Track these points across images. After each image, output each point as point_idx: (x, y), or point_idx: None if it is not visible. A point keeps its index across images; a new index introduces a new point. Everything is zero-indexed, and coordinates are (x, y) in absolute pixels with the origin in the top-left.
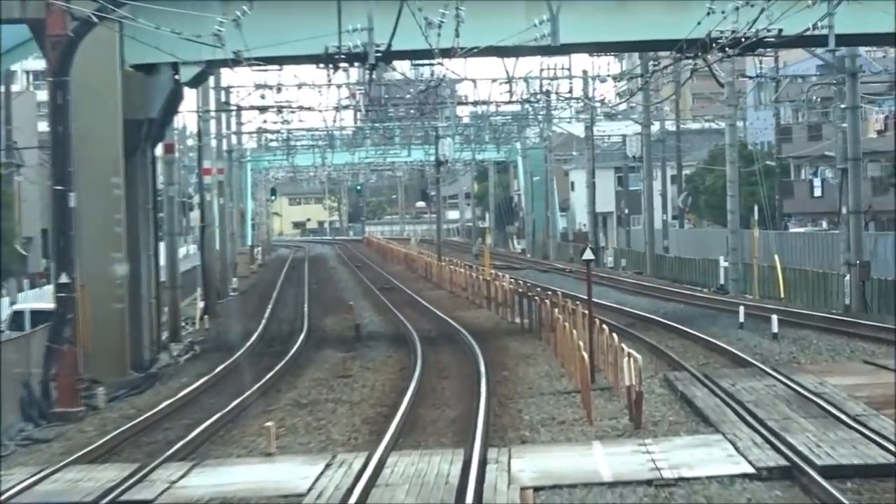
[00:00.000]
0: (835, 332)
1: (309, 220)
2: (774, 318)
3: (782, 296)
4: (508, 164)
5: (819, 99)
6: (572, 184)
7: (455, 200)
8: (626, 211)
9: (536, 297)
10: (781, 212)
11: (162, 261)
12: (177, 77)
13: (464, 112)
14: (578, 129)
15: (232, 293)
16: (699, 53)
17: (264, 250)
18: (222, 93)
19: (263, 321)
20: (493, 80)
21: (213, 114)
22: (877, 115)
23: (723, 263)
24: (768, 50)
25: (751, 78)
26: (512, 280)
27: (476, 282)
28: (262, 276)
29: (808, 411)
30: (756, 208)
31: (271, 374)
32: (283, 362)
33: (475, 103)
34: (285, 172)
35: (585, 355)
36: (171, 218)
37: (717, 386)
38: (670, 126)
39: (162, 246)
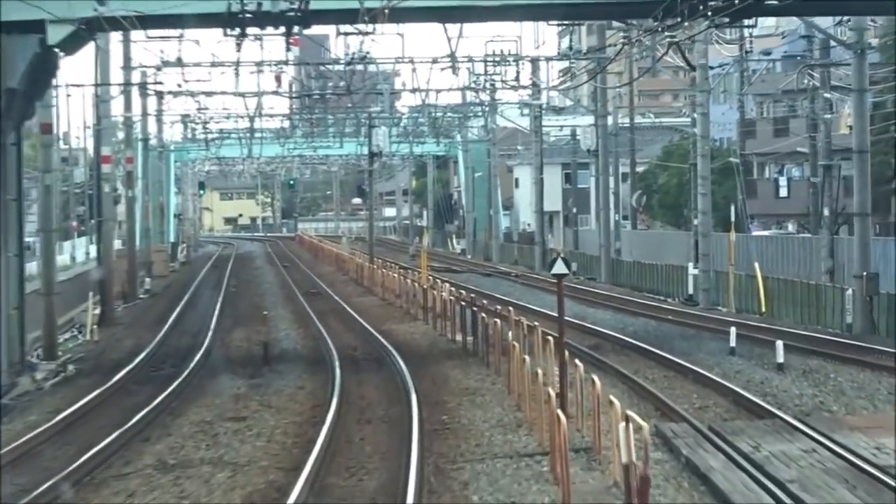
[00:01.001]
0: (852, 363)
1: (241, 215)
2: (779, 345)
3: (763, 310)
4: (449, 159)
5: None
6: (516, 180)
7: (392, 197)
8: (575, 210)
9: (483, 314)
10: (745, 213)
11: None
12: (43, 38)
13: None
14: (524, 123)
15: (142, 296)
16: (681, 20)
17: (189, 247)
18: (138, 74)
19: (162, 333)
20: (434, 61)
21: (116, 94)
22: (849, 109)
23: (692, 271)
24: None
25: (714, 68)
26: (453, 289)
27: (411, 288)
28: (180, 277)
29: (882, 499)
30: (732, 209)
31: (146, 411)
32: (166, 392)
33: (414, 90)
34: (214, 165)
35: (560, 414)
36: (48, 211)
37: (734, 449)
38: (621, 120)
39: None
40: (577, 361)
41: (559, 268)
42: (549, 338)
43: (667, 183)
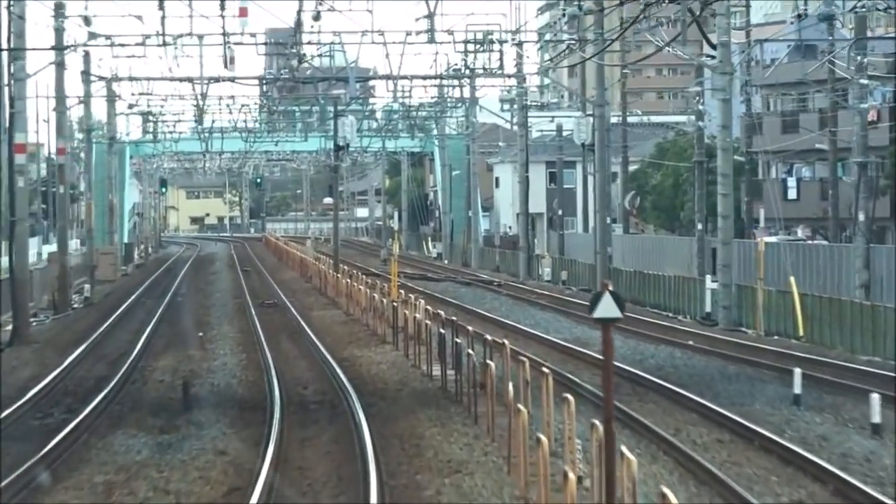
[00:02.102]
0: None
1: (208, 215)
2: (875, 400)
3: (801, 333)
4: (424, 157)
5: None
6: (497, 180)
7: (365, 197)
8: (560, 212)
9: (469, 350)
10: (752, 216)
11: None
12: None
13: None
14: (504, 119)
15: (76, 306)
16: None
17: (146, 249)
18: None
19: (74, 357)
20: (408, 35)
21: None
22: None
23: (710, 284)
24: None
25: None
26: (428, 307)
27: (380, 305)
28: (128, 282)
29: None
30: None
31: None
32: (37, 457)
33: (386, 77)
34: (176, 162)
35: None
36: None
37: None
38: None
39: None
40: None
41: (607, 309)
42: (551, 374)
43: (661, 183)
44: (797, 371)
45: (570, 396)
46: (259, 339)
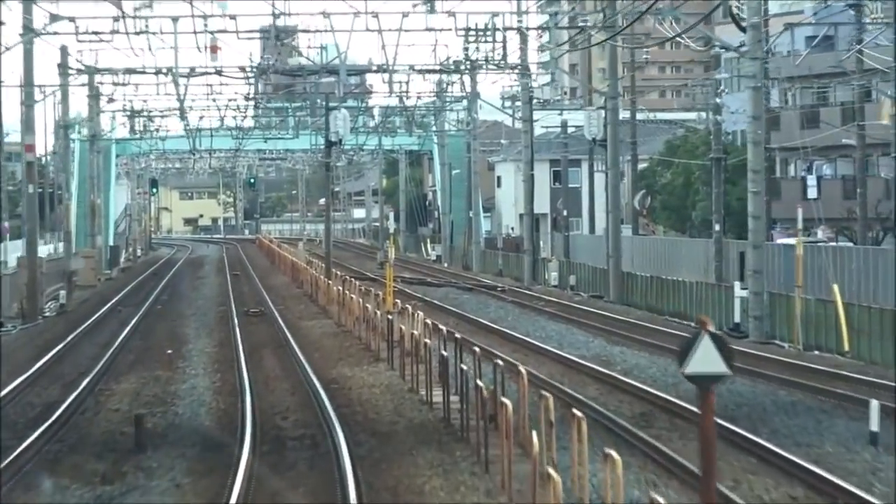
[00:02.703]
0: None
1: (202, 216)
2: None
3: (846, 348)
4: (423, 156)
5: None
6: (498, 179)
7: (362, 197)
8: (565, 213)
9: (478, 381)
10: (769, 216)
11: None
12: None
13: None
14: (505, 118)
15: (48, 314)
16: None
17: (134, 251)
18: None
19: (25, 375)
20: (405, 16)
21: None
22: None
23: (739, 292)
24: None
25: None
26: (427, 319)
27: (373, 316)
28: (109, 288)
29: None
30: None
31: None
32: None
33: (384, 70)
34: (167, 162)
35: None
36: None
37: None
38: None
39: None
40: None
41: (707, 361)
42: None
43: (671, 182)
44: (874, 404)
45: (614, 454)
46: (238, 355)
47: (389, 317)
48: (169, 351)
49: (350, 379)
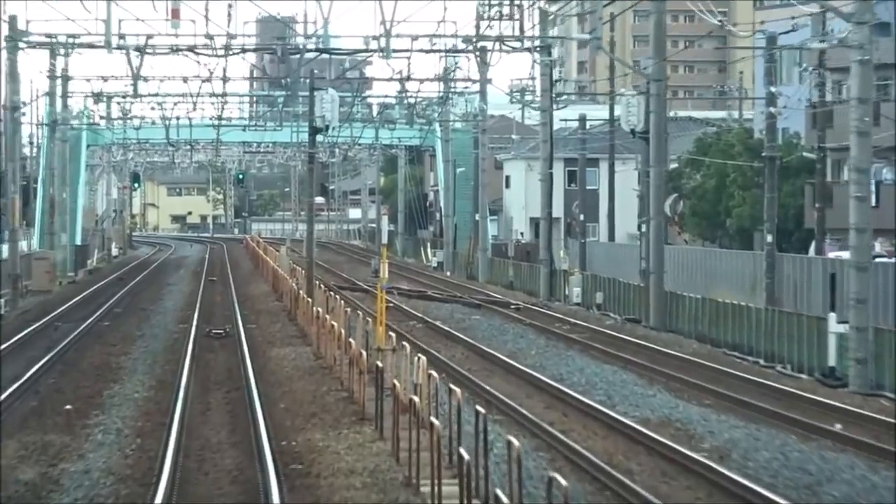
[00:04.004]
0: None
1: (190, 213)
2: None
3: None
4: (424, 152)
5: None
6: (507, 178)
7: (358, 196)
8: (582, 217)
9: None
10: (822, 227)
11: None
12: None
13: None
14: (513, 107)
15: None
16: None
17: (108, 251)
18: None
19: None
20: None
21: None
22: None
23: (835, 326)
24: None
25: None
26: (432, 371)
27: (358, 357)
28: (63, 294)
29: None
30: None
31: None
32: None
33: (382, 51)
34: (143, 152)
35: None
36: None
37: None
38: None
39: None
40: None
41: None
42: None
43: (702, 185)
44: None
45: None
46: (175, 405)
47: (379, 363)
48: (68, 406)
49: (321, 455)
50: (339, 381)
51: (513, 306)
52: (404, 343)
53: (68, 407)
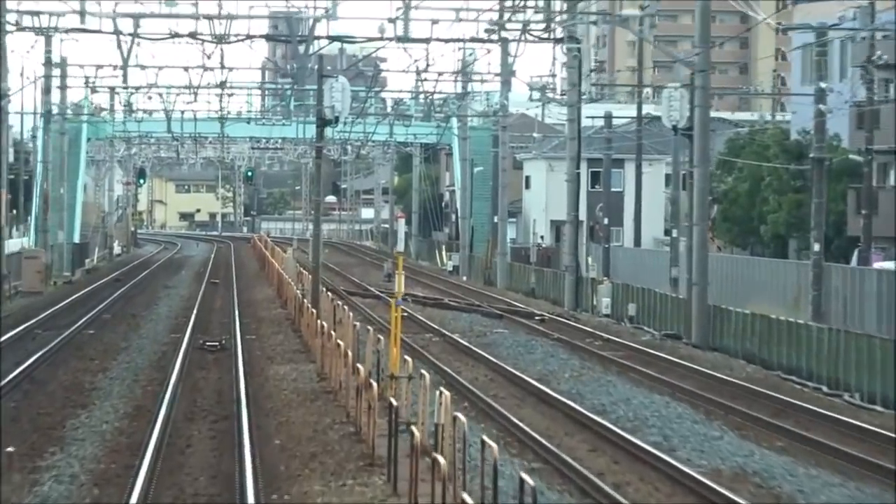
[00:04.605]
0: None
1: (198, 210)
2: None
3: None
4: (439, 151)
5: None
6: (527, 179)
7: (371, 196)
8: (606, 220)
9: None
10: (870, 235)
11: None
12: None
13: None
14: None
15: None
16: None
17: (109, 249)
18: None
19: None
20: None
21: None
22: None
23: None
24: None
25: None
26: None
27: (366, 387)
28: (55, 296)
29: None
30: None
31: None
32: None
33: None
34: (145, 146)
35: None
36: None
37: None
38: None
39: None
40: None
41: None
42: None
43: (734, 189)
44: None
45: None
46: (149, 439)
47: (393, 399)
48: (11, 449)
49: None
50: (345, 410)
51: (537, 317)
52: (423, 371)
53: (10, 449)
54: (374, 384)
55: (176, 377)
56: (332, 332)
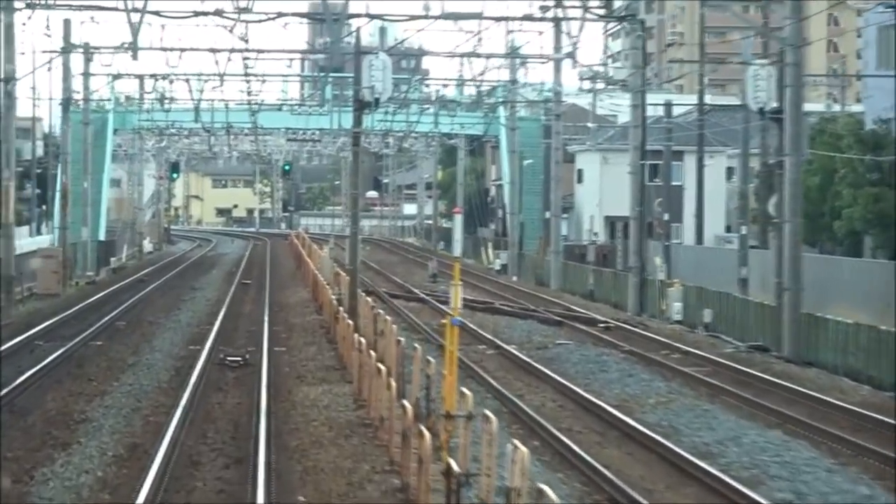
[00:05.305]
0: None
1: (236, 206)
2: None
3: None
4: (485, 143)
5: None
6: (579, 172)
7: (413, 191)
8: (666, 217)
9: None
10: None
11: None
12: None
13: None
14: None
15: None
16: None
17: (139, 246)
18: None
19: None
20: None
21: None
22: None
23: None
24: None
25: None
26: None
27: (415, 432)
28: (72, 298)
29: None
30: None
31: None
32: None
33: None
34: (173, 138)
35: None
36: None
37: None
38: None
39: None
40: None
41: None
42: None
43: (803, 183)
44: None
45: None
46: (136, 496)
47: (450, 460)
48: None
49: None
50: (388, 453)
51: (601, 324)
52: (486, 412)
53: None
54: (426, 431)
55: (185, 404)
56: (372, 352)
